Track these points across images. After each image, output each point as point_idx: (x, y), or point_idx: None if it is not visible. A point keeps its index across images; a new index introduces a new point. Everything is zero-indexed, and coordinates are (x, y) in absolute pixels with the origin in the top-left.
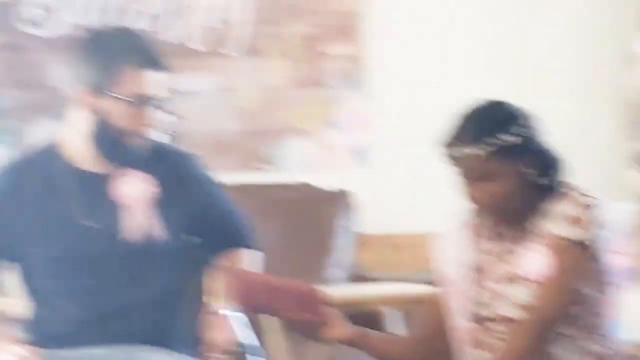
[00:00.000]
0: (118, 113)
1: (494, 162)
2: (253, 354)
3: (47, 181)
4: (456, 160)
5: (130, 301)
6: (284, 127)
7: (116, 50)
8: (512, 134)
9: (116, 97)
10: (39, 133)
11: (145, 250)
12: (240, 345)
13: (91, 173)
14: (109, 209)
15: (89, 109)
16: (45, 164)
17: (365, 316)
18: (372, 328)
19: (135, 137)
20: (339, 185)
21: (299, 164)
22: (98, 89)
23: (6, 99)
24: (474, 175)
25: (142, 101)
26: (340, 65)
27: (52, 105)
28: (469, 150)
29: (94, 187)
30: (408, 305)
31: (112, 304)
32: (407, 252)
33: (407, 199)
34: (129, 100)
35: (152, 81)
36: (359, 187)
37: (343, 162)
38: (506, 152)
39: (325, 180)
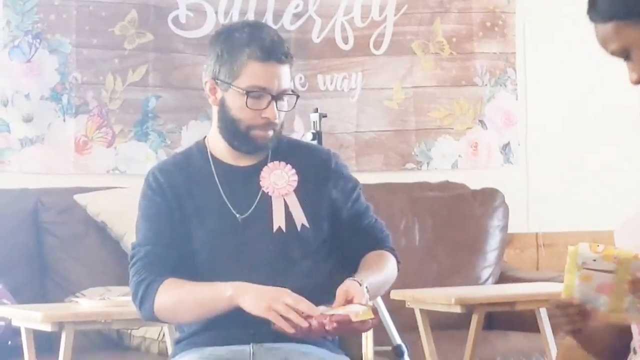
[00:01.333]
0: (237, 105)
1: None
2: (403, 352)
3: (199, 176)
4: None
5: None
6: (432, 126)
7: (238, 43)
8: None
9: (236, 89)
10: (193, 133)
11: (293, 239)
12: (397, 346)
13: (235, 166)
14: (255, 199)
15: (216, 102)
16: (196, 160)
17: (513, 314)
18: (520, 327)
19: (256, 130)
20: (487, 183)
21: (447, 163)
22: (221, 81)
23: (162, 101)
24: None
25: (261, 94)
26: (488, 63)
27: (203, 106)
28: None
29: (239, 180)
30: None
31: None
32: (552, 250)
33: (555, 197)
34: (247, 92)
35: (273, 74)
36: (507, 185)
37: (492, 161)
38: None
39: (474, 179)
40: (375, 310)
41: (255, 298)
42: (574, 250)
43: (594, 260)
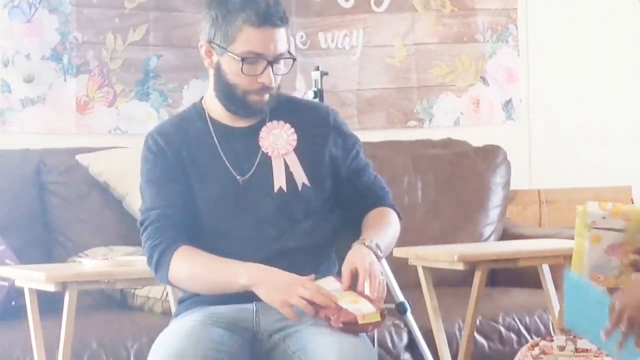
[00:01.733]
0: (233, 70)
1: None
2: (406, 309)
3: (198, 138)
4: None
5: (286, 248)
6: (434, 83)
7: (233, 7)
8: None
9: (231, 55)
10: (194, 92)
11: (294, 199)
12: (400, 303)
13: (233, 127)
14: (255, 160)
15: (212, 65)
16: (194, 122)
17: (515, 271)
18: (523, 283)
19: (252, 95)
20: (489, 140)
21: (449, 120)
22: (217, 46)
23: (163, 60)
24: None
25: (257, 59)
26: (490, 19)
27: (204, 65)
28: None
29: (238, 141)
30: (558, 261)
31: (266, 251)
32: (554, 207)
33: (557, 153)
34: (243, 59)
35: (268, 39)
36: (509, 142)
37: (494, 117)
38: None
39: (476, 136)
40: (382, 313)
41: (271, 291)
42: (582, 210)
43: (603, 217)
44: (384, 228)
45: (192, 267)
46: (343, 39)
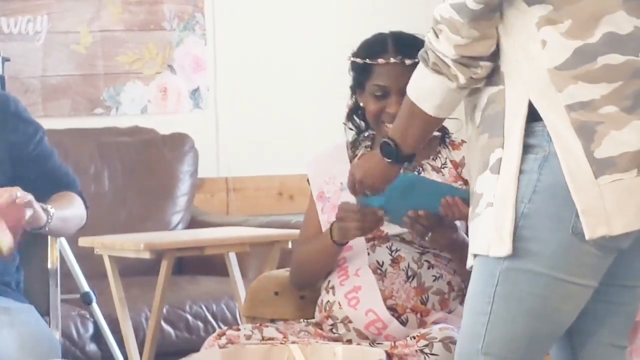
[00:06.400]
0: None
1: None
2: (91, 300)
3: None
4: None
5: None
6: (121, 71)
7: None
8: None
9: None
10: None
11: None
12: (85, 293)
13: None
14: None
15: None
16: None
17: (203, 259)
18: (210, 271)
19: None
20: (177, 128)
21: (137, 108)
22: None
23: None
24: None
25: None
26: (176, 7)
27: None
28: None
29: None
30: (243, 248)
31: None
32: (241, 194)
33: (244, 142)
34: None
35: None
36: (196, 130)
37: (181, 106)
38: None
39: (164, 124)
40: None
41: None
42: None
43: None
44: (64, 202)
45: None
46: (26, 24)
